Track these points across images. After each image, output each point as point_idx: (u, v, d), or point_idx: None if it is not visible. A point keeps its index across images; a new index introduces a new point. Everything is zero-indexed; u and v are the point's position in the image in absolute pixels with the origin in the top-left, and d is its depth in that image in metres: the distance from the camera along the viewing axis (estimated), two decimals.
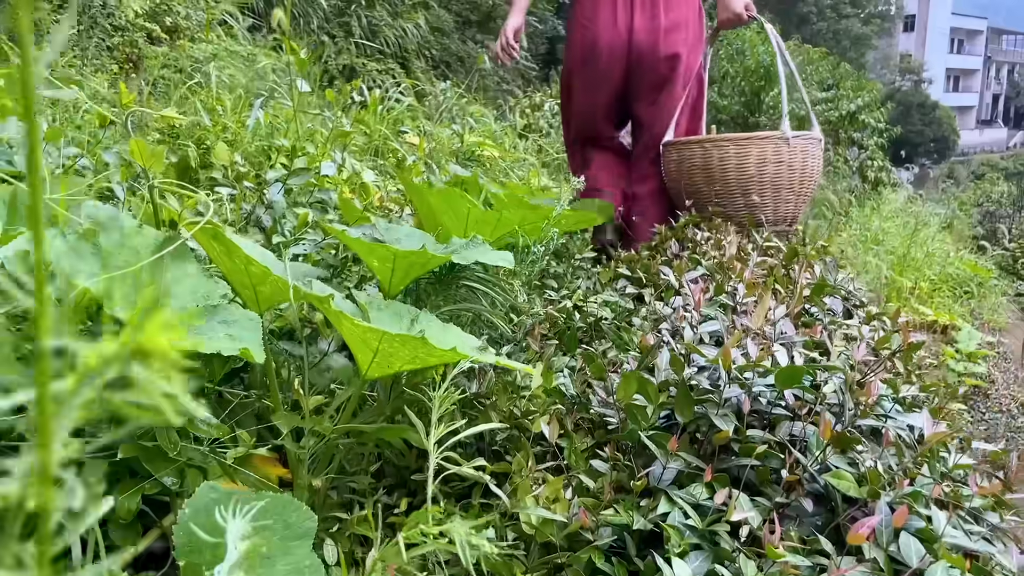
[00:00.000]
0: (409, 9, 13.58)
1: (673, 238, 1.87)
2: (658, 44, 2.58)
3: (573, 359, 1.30)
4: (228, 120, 3.14)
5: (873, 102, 9.47)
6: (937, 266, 6.76)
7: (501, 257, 1.19)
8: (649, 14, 2.56)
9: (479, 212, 1.40)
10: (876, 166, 9.43)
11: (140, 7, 6.72)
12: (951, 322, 5.43)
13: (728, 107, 9.33)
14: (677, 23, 2.61)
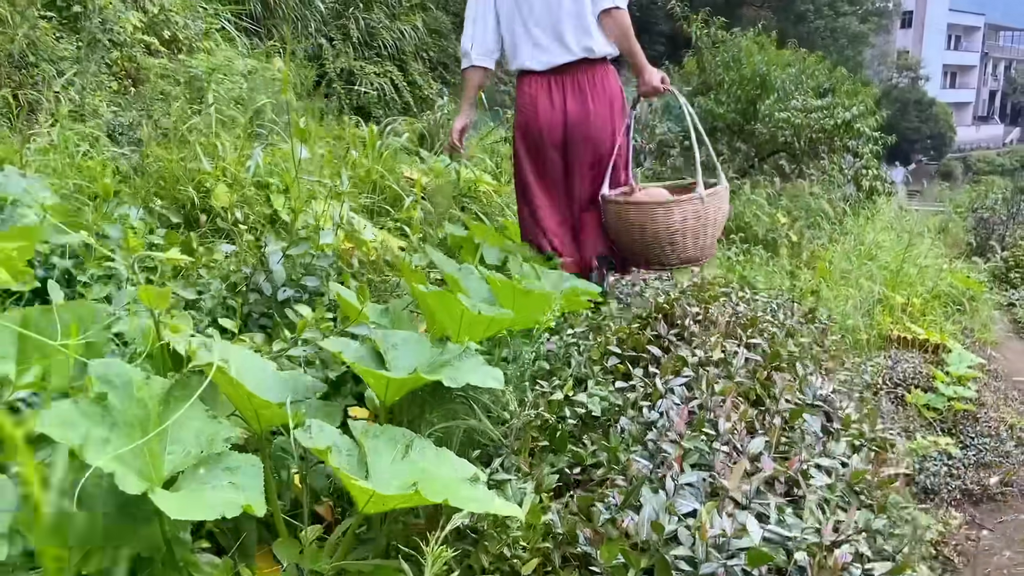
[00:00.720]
0: (407, 11, 13.56)
1: (661, 315, 1.92)
2: (588, 124, 3.08)
3: (564, 457, 1.35)
4: (228, 162, 3.18)
5: (868, 111, 9.50)
6: (930, 281, 6.81)
7: (490, 376, 1.24)
8: (579, 99, 3.06)
9: (471, 315, 1.45)
10: (871, 175, 9.47)
11: (138, 20, 6.73)
12: (942, 342, 5.48)
13: (724, 115, 9.37)
14: (602, 106, 3.09)
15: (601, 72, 3.11)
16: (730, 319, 1.85)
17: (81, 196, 2.94)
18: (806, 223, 8.60)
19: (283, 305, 2.13)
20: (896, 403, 4.80)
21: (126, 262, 1.29)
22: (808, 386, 1.46)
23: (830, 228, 8.65)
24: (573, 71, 3.07)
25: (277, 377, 1.29)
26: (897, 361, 5.26)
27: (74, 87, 5.36)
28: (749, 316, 1.89)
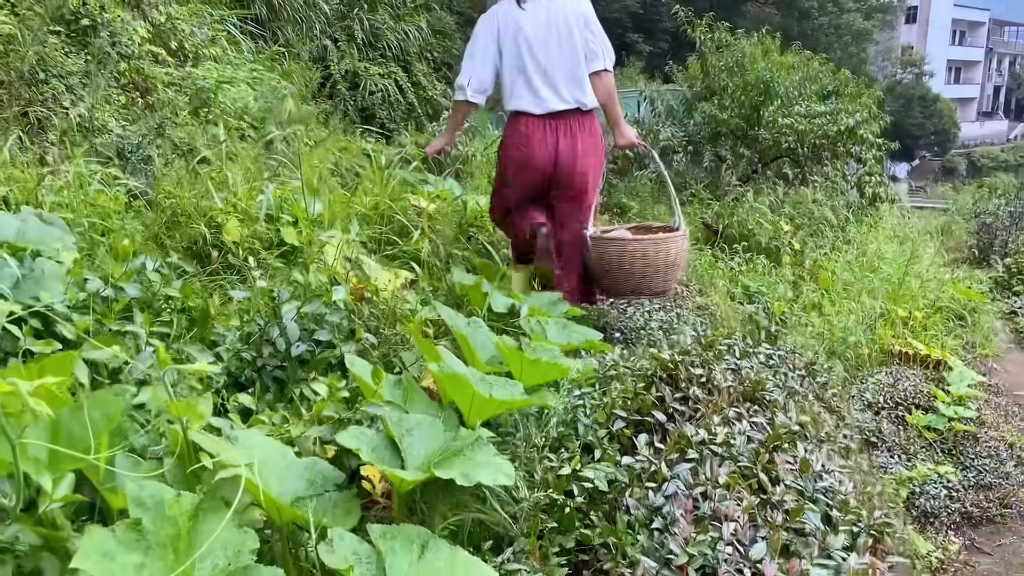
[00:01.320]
0: (411, 12, 13.55)
1: (665, 374, 1.97)
2: (575, 163, 3.42)
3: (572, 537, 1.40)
4: (239, 197, 3.22)
5: (872, 116, 9.51)
6: (932, 294, 6.84)
7: (501, 473, 1.29)
8: (569, 141, 3.40)
9: (483, 398, 1.51)
10: (874, 181, 9.48)
11: (146, 31, 6.76)
12: (943, 359, 5.53)
13: (728, 120, 9.39)
14: (588, 149, 3.46)
15: (589, 120, 3.50)
16: (732, 385, 1.90)
17: (96, 234, 2.99)
18: (809, 231, 8.62)
19: (297, 360, 2.18)
20: (897, 424, 4.85)
21: (158, 371, 1.34)
22: (809, 476, 1.51)
23: (833, 236, 8.66)
24: (566, 117, 3.42)
25: (297, 466, 1.35)
26: (898, 379, 5.31)
27: (83, 102, 5.40)
28: (752, 380, 1.94)
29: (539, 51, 3.32)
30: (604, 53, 3.43)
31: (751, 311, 5.96)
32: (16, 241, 2.42)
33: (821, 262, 7.78)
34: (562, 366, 1.85)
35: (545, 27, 3.33)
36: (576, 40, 3.34)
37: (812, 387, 2.21)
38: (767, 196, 8.94)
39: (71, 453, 1.09)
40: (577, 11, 3.38)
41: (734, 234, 8.12)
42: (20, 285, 2.14)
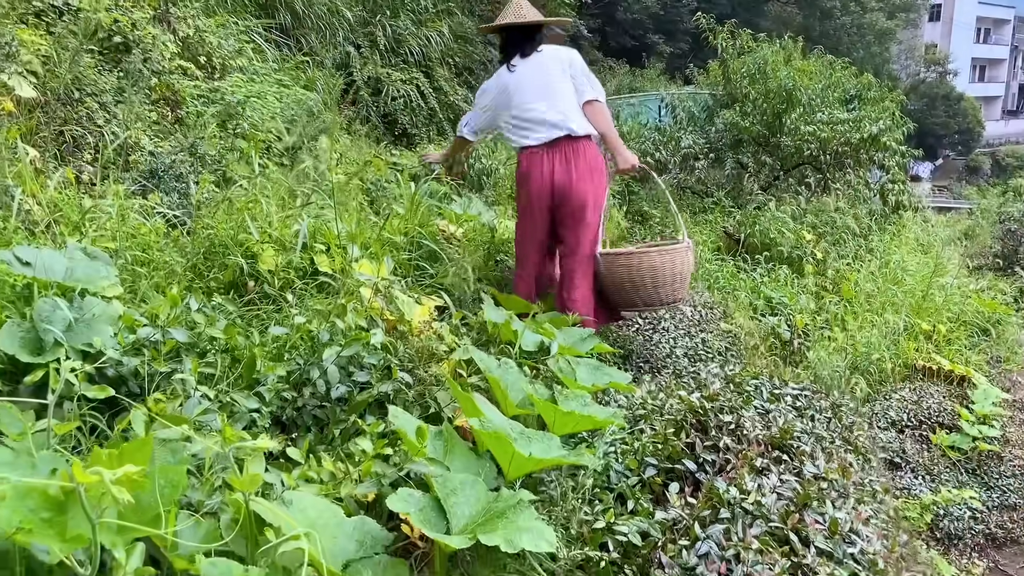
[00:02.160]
0: (433, 17, 13.62)
1: (697, 421, 2.02)
2: (571, 186, 3.70)
3: None
4: (273, 227, 3.30)
5: (896, 124, 9.46)
6: (956, 307, 6.83)
7: (543, 540, 1.35)
8: (564, 167, 3.69)
9: (521, 456, 1.57)
10: (897, 189, 9.44)
11: (175, 46, 6.87)
12: (967, 375, 5.53)
13: (749, 128, 9.37)
14: (583, 173, 3.72)
15: (583, 145, 3.78)
16: (761, 433, 1.95)
17: (137, 265, 3.09)
18: (831, 240, 8.60)
19: (337, 402, 2.26)
20: (921, 443, 4.87)
21: (221, 451, 1.42)
22: (839, 537, 1.55)
23: (855, 245, 8.64)
24: (560, 144, 3.73)
25: (347, 526, 1.42)
26: (922, 396, 5.32)
27: (117, 119, 5.51)
28: (780, 427, 1.99)
29: (528, 97, 3.79)
30: (592, 87, 3.85)
31: (773, 323, 5.98)
32: (65, 280, 2.51)
33: (844, 272, 7.77)
34: (594, 418, 1.91)
35: (532, 77, 3.81)
36: (561, 79, 3.79)
37: (839, 429, 2.25)
38: (789, 204, 8.93)
39: (144, 530, 1.17)
40: (560, 57, 3.86)
41: (756, 243, 8.12)
42: (73, 328, 2.22)
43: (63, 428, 1.70)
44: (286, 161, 6.34)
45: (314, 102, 7.92)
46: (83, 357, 2.14)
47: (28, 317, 2.27)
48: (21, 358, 2.06)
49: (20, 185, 3.81)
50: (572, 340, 2.83)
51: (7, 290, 2.38)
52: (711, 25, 10.08)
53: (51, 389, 1.68)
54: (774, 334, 5.86)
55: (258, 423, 2.09)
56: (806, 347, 5.91)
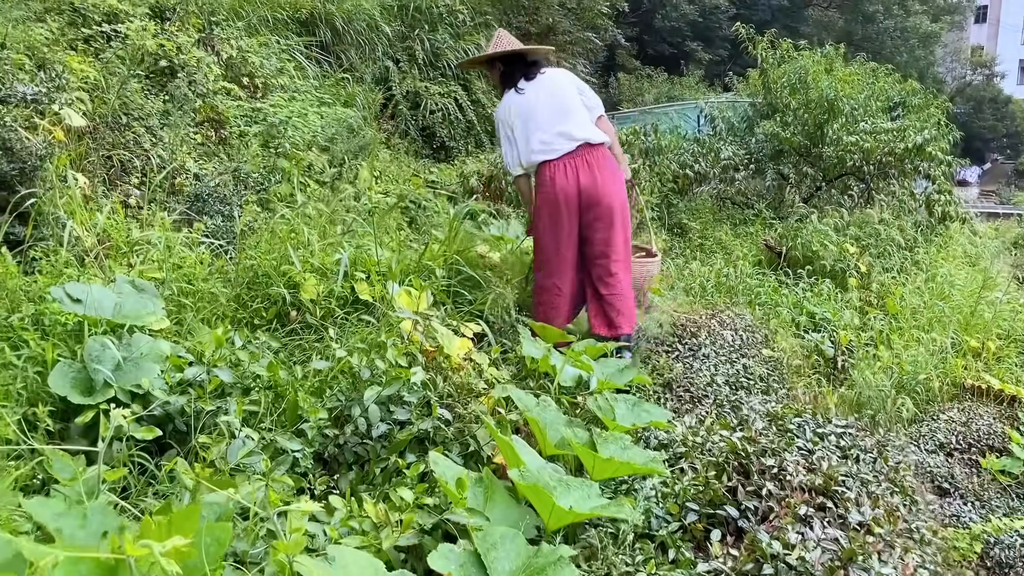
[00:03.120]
0: (470, 30, 13.70)
1: (739, 464, 2.00)
2: (597, 189, 3.78)
3: None
4: (315, 258, 3.35)
5: (942, 134, 9.27)
6: (1006, 323, 6.65)
7: None
8: (588, 172, 3.79)
9: (561, 510, 1.57)
10: (943, 200, 9.24)
11: (219, 68, 7.01)
12: (1018, 395, 5.38)
13: (790, 139, 9.25)
14: (608, 176, 3.85)
15: (603, 151, 3.95)
16: (804, 480, 1.92)
17: (183, 296, 3.15)
18: (876, 253, 8.44)
19: (378, 439, 2.28)
20: (970, 467, 4.74)
21: (267, 513, 1.44)
22: None
23: (900, 257, 8.46)
24: (581, 152, 3.84)
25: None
26: (971, 417, 5.18)
27: (162, 143, 5.63)
28: (824, 473, 1.96)
29: (541, 115, 3.89)
30: (596, 104, 4.10)
31: (816, 340, 5.89)
32: (114, 317, 2.57)
33: (888, 286, 7.62)
34: (634, 465, 1.90)
35: (546, 96, 3.92)
36: (575, 96, 3.98)
37: (884, 469, 2.21)
38: (832, 216, 8.78)
39: None
40: (566, 78, 4.08)
41: (798, 256, 8.01)
42: (121, 367, 2.28)
43: (113, 475, 1.73)
44: (327, 178, 6.43)
45: (354, 119, 8.01)
46: (131, 397, 2.19)
47: (78, 356, 2.33)
48: (72, 399, 2.12)
49: (70, 214, 3.92)
50: (610, 372, 2.82)
51: (58, 329, 2.45)
52: (751, 35, 9.97)
53: (101, 437, 1.72)
54: (817, 351, 5.77)
55: (300, 463, 2.11)
56: (850, 364, 5.81)
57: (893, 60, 20.25)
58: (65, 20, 6.10)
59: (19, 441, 1.95)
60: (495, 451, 2.28)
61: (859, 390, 5.19)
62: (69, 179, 4.23)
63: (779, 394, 3.76)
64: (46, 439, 2.09)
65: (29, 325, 2.57)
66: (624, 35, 18.47)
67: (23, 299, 2.77)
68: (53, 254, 3.27)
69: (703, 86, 18.93)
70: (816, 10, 22.17)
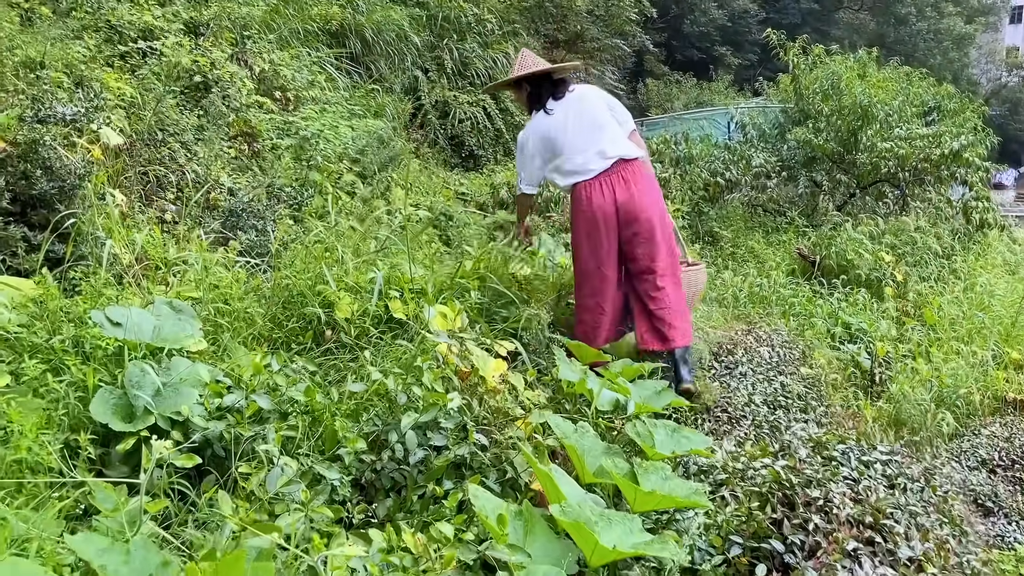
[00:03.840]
0: (499, 39, 13.72)
1: (782, 494, 1.96)
2: (634, 204, 3.74)
3: None
4: (350, 277, 3.36)
5: (979, 139, 9.10)
6: None
7: None
8: (624, 188, 3.75)
9: (603, 548, 1.55)
10: (981, 207, 9.06)
11: (253, 82, 7.07)
12: None
13: (823, 146, 9.13)
14: (644, 188, 3.80)
15: (638, 164, 3.86)
16: (851, 514, 1.88)
17: (220, 316, 3.17)
18: (912, 261, 8.29)
19: (415, 466, 2.27)
20: (1014, 484, 4.64)
21: (312, 560, 1.44)
22: None
23: (938, 266, 8.31)
24: (616, 169, 3.79)
25: None
26: (1014, 432, 5.07)
27: (197, 158, 5.69)
28: (872, 506, 1.91)
29: (574, 136, 3.84)
30: (627, 119, 4.02)
31: (853, 352, 5.79)
32: (153, 340, 2.59)
33: (926, 296, 7.48)
34: (676, 499, 1.87)
35: (577, 115, 3.87)
36: (603, 112, 3.91)
37: (933, 499, 2.16)
38: (866, 224, 8.65)
39: None
40: (595, 95, 4.00)
41: (832, 265, 7.89)
42: (161, 393, 2.29)
43: (155, 507, 1.74)
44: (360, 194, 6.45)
45: (384, 130, 8.04)
46: (171, 424, 2.20)
47: (119, 381, 2.35)
48: (114, 427, 2.13)
49: (108, 232, 3.96)
50: (647, 395, 2.78)
51: (99, 354, 2.47)
52: (782, 42, 9.87)
53: (143, 469, 1.73)
54: (854, 363, 5.68)
55: (339, 491, 2.11)
56: (888, 377, 5.70)
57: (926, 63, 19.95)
58: (102, 37, 6.19)
59: (61, 469, 1.97)
60: (532, 477, 2.26)
61: (898, 404, 5.10)
62: (107, 197, 4.28)
63: (817, 412, 3.70)
64: (87, 466, 2.10)
65: (70, 347, 2.59)
66: (652, 41, 18.41)
67: (64, 320, 2.80)
68: (93, 275, 3.31)
69: (732, 91, 18.79)
70: (847, 13, 21.92)
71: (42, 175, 3.86)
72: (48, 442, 2.02)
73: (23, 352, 2.58)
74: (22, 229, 3.72)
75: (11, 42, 5.39)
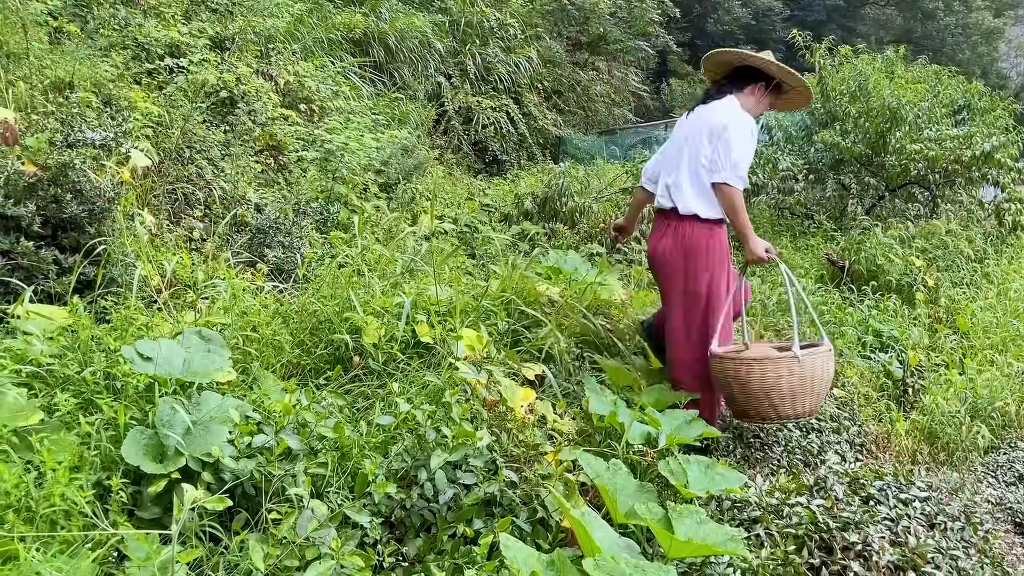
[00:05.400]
0: (521, 43, 13.68)
1: (819, 537, 1.92)
2: (663, 262, 3.51)
3: None
4: (376, 303, 3.35)
5: (1011, 139, 8.93)
6: None
7: None
8: (663, 240, 3.51)
9: None
10: (1014, 208, 8.87)
11: (278, 96, 7.10)
12: None
13: (850, 148, 8.98)
14: (676, 254, 3.46)
15: (688, 224, 3.46)
16: (892, 559, 1.84)
17: (249, 345, 3.18)
18: (943, 266, 8.15)
19: (444, 504, 2.26)
20: None
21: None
22: None
23: (970, 270, 8.16)
24: (668, 215, 3.55)
25: None
26: None
27: (224, 175, 5.73)
28: (911, 551, 1.87)
29: (672, 153, 3.62)
30: (724, 166, 3.33)
31: (884, 361, 5.70)
32: (184, 375, 2.60)
33: (958, 302, 7.35)
34: (712, 547, 1.84)
35: (686, 133, 3.55)
36: (700, 148, 3.42)
37: (973, 539, 2.11)
38: (896, 228, 8.51)
39: None
40: (713, 122, 3.42)
41: (862, 271, 7.78)
42: (191, 432, 2.30)
43: (187, 557, 1.74)
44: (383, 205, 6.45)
45: (408, 139, 8.05)
46: (201, 466, 2.20)
47: (149, 419, 2.36)
48: (146, 469, 2.14)
49: (138, 255, 3.99)
50: (677, 425, 2.75)
51: (130, 390, 2.48)
52: (807, 42, 9.74)
53: (175, 519, 1.73)
54: (886, 373, 5.59)
55: (369, 534, 2.10)
56: (921, 387, 5.61)
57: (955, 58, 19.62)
58: (129, 55, 6.25)
59: (94, 516, 1.98)
60: (562, 516, 2.24)
61: (931, 416, 5.01)
62: (136, 220, 4.31)
63: (851, 432, 3.64)
64: (119, 508, 2.11)
65: (101, 380, 2.61)
66: (676, 41, 18.28)
67: (95, 351, 2.82)
68: (123, 301, 3.33)
69: None
70: (873, 9, 21.63)
71: (72, 199, 3.90)
72: (81, 486, 2.03)
73: (55, 386, 2.61)
74: (53, 252, 3.76)
75: (40, 62, 5.46)
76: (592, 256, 5.96)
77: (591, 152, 13.28)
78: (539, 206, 6.71)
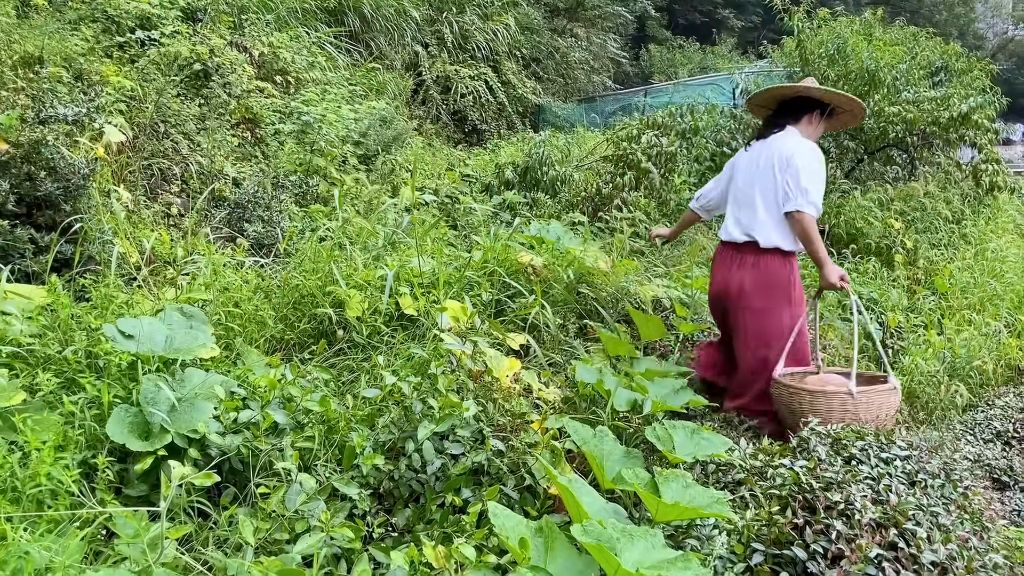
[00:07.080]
0: (498, 10, 13.52)
1: (802, 498, 1.95)
2: (738, 296, 3.47)
3: None
4: (358, 276, 3.34)
5: (988, 101, 8.96)
6: None
7: None
8: (737, 274, 3.48)
9: (625, 571, 1.55)
10: (991, 169, 8.94)
11: (252, 68, 6.99)
12: None
13: None
14: (754, 287, 3.43)
15: (766, 258, 3.43)
16: (874, 518, 1.87)
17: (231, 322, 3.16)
18: (921, 227, 8.22)
19: (432, 475, 2.27)
20: None
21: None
22: None
23: (948, 232, 8.24)
24: (740, 248, 3.50)
25: None
26: None
27: (200, 149, 5.65)
28: (893, 508, 1.91)
29: (740, 186, 3.56)
30: (797, 194, 3.29)
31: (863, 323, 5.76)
32: (166, 352, 2.58)
33: (936, 263, 7.43)
34: (699, 510, 1.87)
35: (753, 165, 3.51)
36: (771, 179, 3.38)
37: (953, 495, 2.15)
38: (875, 191, 8.56)
39: None
40: (781, 152, 3.37)
41: (841, 234, 7.83)
42: (176, 409, 2.29)
43: (176, 533, 1.75)
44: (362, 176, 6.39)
45: (386, 111, 7.96)
46: (188, 442, 2.20)
47: (133, 397, 2.35)
48: (131, 447, 2.13)
49: (115, 232, 3.95)
50: (664, 393, 2.77)
51: (112, 368, 2.46)
52: (786, 6, 9.68)
53: (163, 496, 1.73)
54: (865, 335, 5.66)
55: (358, 506, 2.11)
56: (900, 348, 5.68)
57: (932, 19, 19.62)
58: (99, 28, 6.12)
59: (81, 491, 1.97)
60: (550, 483, 2.26)
61: (910, 377, 5.08)
62: (112, 197, 4.26)
63: None
64: (106, 486, 2.11)
65: (83, 359, 2.59)
66: (654, 5, 18.14)
67: (76, 330, 2.80)
68: (102, 279, 3.30)
69: (736, 55, 18.54)
70: None
71: (46, 176, 3.84)
72: (67, 465, 2.02)
73: (36, 365, 2.59)
74: (29, 231, 3.71)
75: (8, 37, 5.34)
76: (574, 225, 5.95)
77: (571, 120, 13.19)
78: (520, 176, 6.68)
